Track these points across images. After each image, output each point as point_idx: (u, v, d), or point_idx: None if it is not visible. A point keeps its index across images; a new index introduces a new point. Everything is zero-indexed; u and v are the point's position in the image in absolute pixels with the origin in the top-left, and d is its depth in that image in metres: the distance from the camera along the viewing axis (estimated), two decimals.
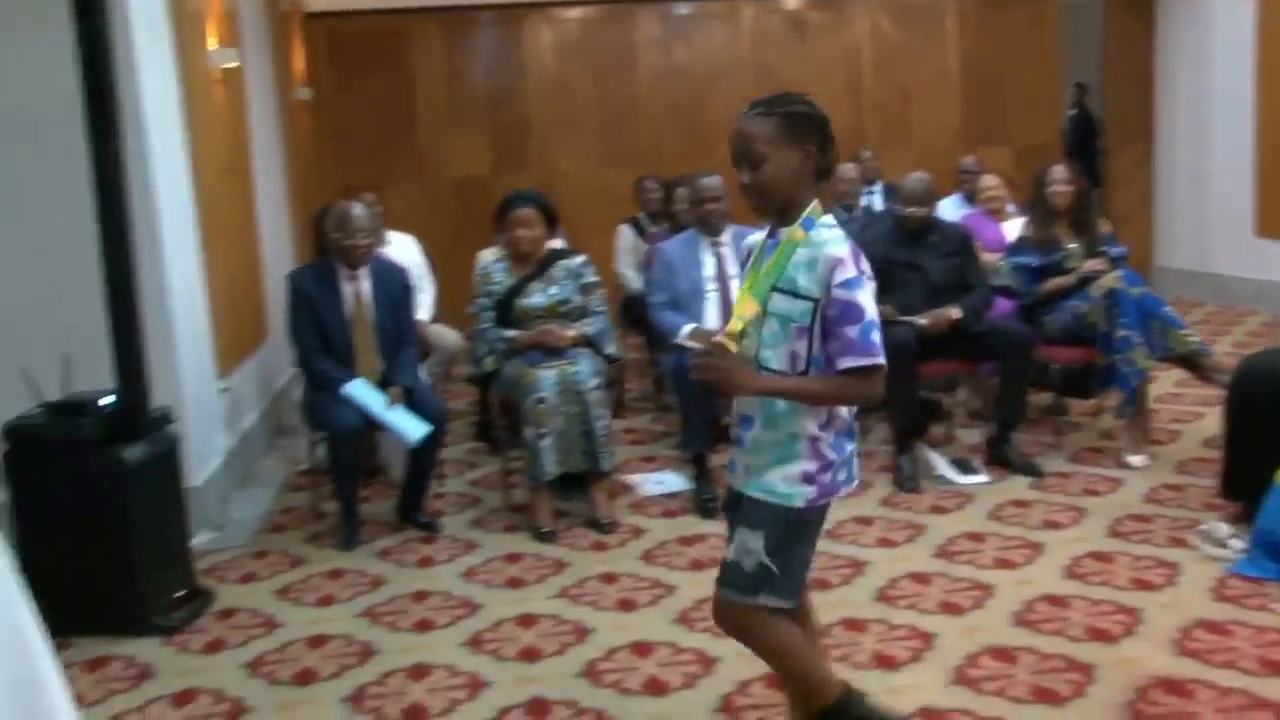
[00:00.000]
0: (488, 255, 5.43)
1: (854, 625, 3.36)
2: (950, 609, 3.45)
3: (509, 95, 8.94)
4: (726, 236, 4.76)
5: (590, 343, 4.49)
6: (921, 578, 3.70)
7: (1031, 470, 4.70)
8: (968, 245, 5.01)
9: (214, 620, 3.68)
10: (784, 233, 2.23)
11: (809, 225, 2.21)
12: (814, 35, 9.04)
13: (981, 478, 4.70)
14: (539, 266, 4.54)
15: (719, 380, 2.21)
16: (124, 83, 3.74)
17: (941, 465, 4.83)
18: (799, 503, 2.26)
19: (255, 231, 6.05)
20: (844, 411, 2.29)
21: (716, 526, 4.30)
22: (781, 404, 2.25)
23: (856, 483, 2.37)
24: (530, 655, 3.29)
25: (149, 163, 4.12)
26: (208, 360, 4.76)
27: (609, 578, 3.85)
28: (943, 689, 2.95)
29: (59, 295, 4.17)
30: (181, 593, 3.72)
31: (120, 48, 3.72)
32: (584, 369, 4.32)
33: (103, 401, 3.59)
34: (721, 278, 4.72)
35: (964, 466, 4.82)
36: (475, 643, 3.39)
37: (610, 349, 4.58)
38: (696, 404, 4.48)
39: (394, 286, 4.50)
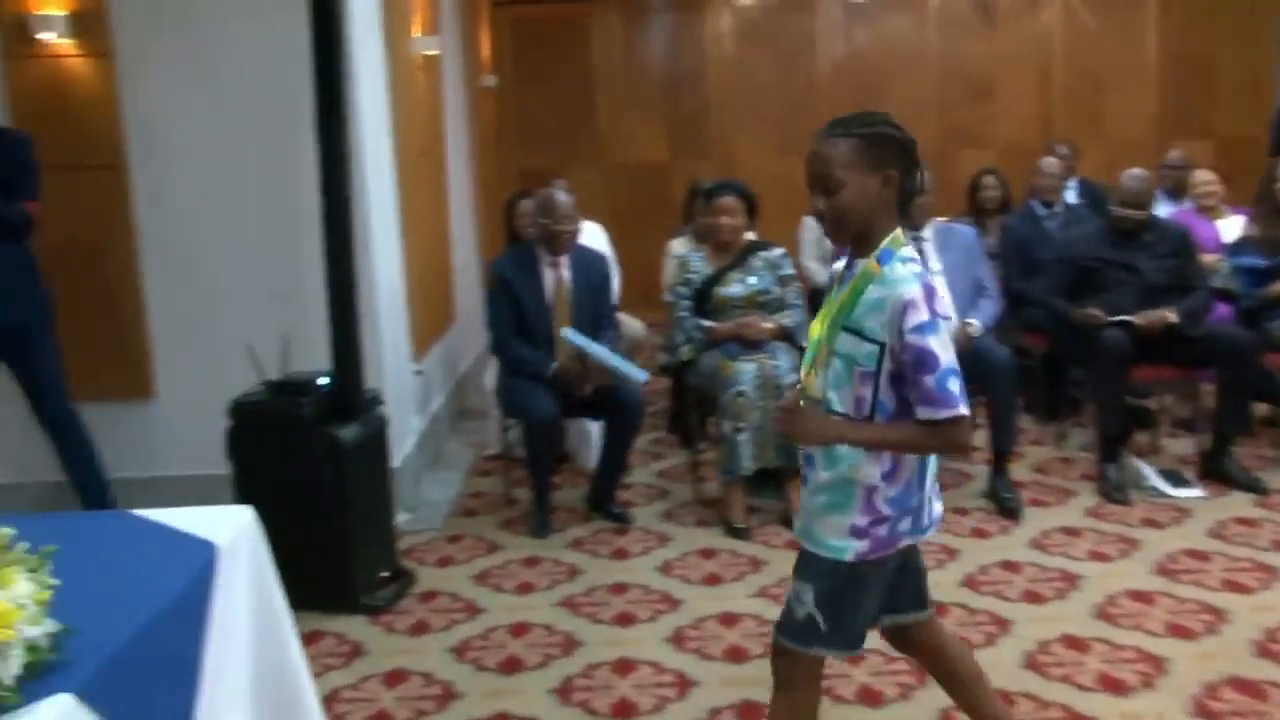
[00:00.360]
0: (678, 245, 5.40)
1: (1075, 644, 3.19)
2: (1180, 632, 3.25)
3: (688, 82, 8.89)
4: (928, 231, 4.59)
5: (788, 336, 4.40)
6: (1143, 596, 3.51)
7: (1254, 486, 4.41)
8: (1186, 244, 4.73)
9: (416, 602, 3.73)
10: (860, 264, 2.07)
11: (886, 258, 2.04)
12: (1003, 21, 8.71)
13: (1196, 491, 4.44)
14: (738, 256, 4.46)
15: (793, 433, 2.11)
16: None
17: (1151, 476, 4.58)
18: (849, 557, 2.11)
19: (446, 216, 6.16)
20: (911, 459, 2.11)
21: None
22: (842, 446, 2.10)
23: (934, 528, 2.23)
24: (736, 656, 3.24)
25: (361, 150, 4.21)
26: (404, 343, 4.85)
27: None
28: None
29: (276, 275, 4.33)
30: (386, 573, 3.80)
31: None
32: (783, 363, 4.23)
33: (320, 381, 3.68)
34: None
35: (1175, 478, 4.56)
36: (678, 639, 3.36)
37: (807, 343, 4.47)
38: None
39: (594, 274, 4.49)
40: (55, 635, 1.49)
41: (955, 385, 2.00)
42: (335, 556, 3.59)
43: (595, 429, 4.93)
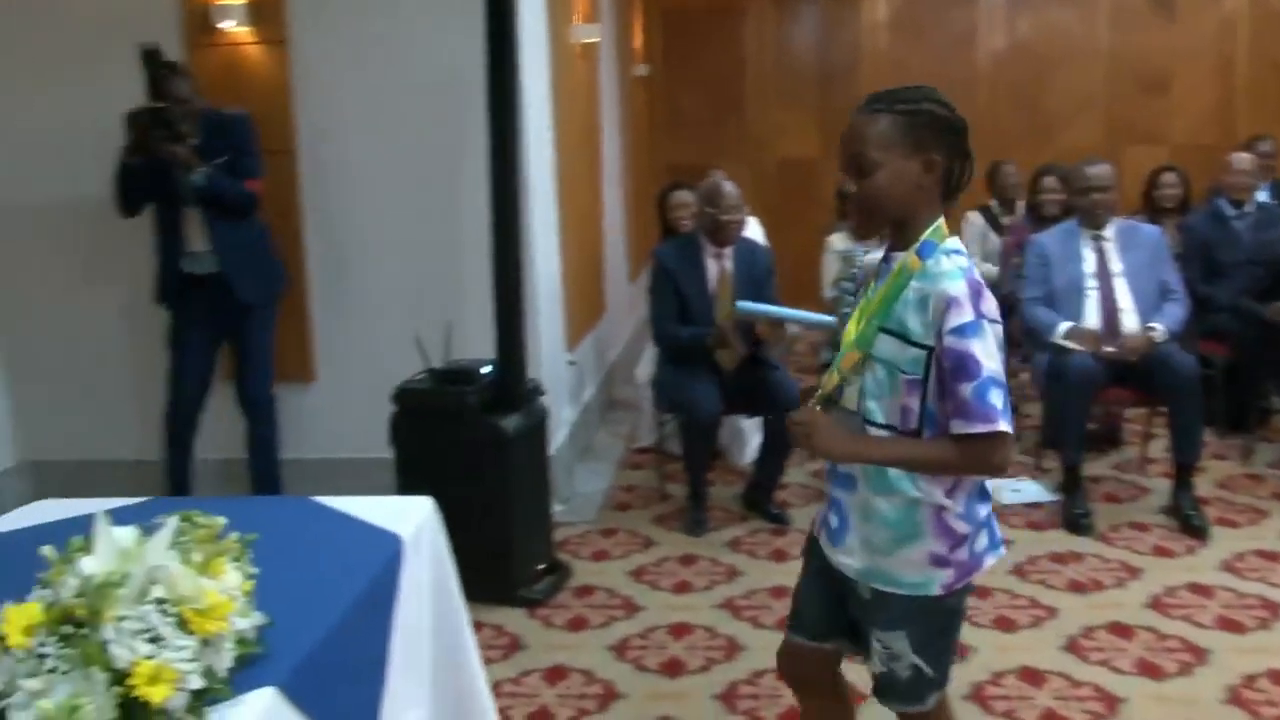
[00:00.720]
0: (838, 241, 5.25)
1: None
2: None
3: (840, 75, 8.66)
4: (1110, 230, 4.34)
5: None
6: None
7: None
8: None
9: (572, 596, 3.68)
10: (898, 258, 1.84)
11: (927, 251, 1.80)
12: (1182, 11, 8.25)
13: None
14: None
15: (807, 445, 1.87)
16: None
17: None
18: (936, 590, 1.87)
19: (600, 205, 6.12)
20: None
21: (1091, 544, 3.96)
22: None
23: (1003, 548, 1.95)
24: None
25: (525, 137, 4.17)
26: (559, 333, 4.81)
27: (981, 591, 3.57)
28: None
29: (436, 262, 4.34)
30: (542, 565, 3.76)
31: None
32: None
33: (483, 371, 3.65)
34: (1104, 274, 4.30)
35: None
36: None
37: None
38: (1073, 408, 4.14)
39: (756, 267, 4.37)
40: (260, 628, 1.45)
41: (997, 398, 1.74)
42: (495, 547, 3.55)
43: (750, 426, 4.81)
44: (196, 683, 1.23)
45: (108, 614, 1.18)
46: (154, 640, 1.20)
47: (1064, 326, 4.21)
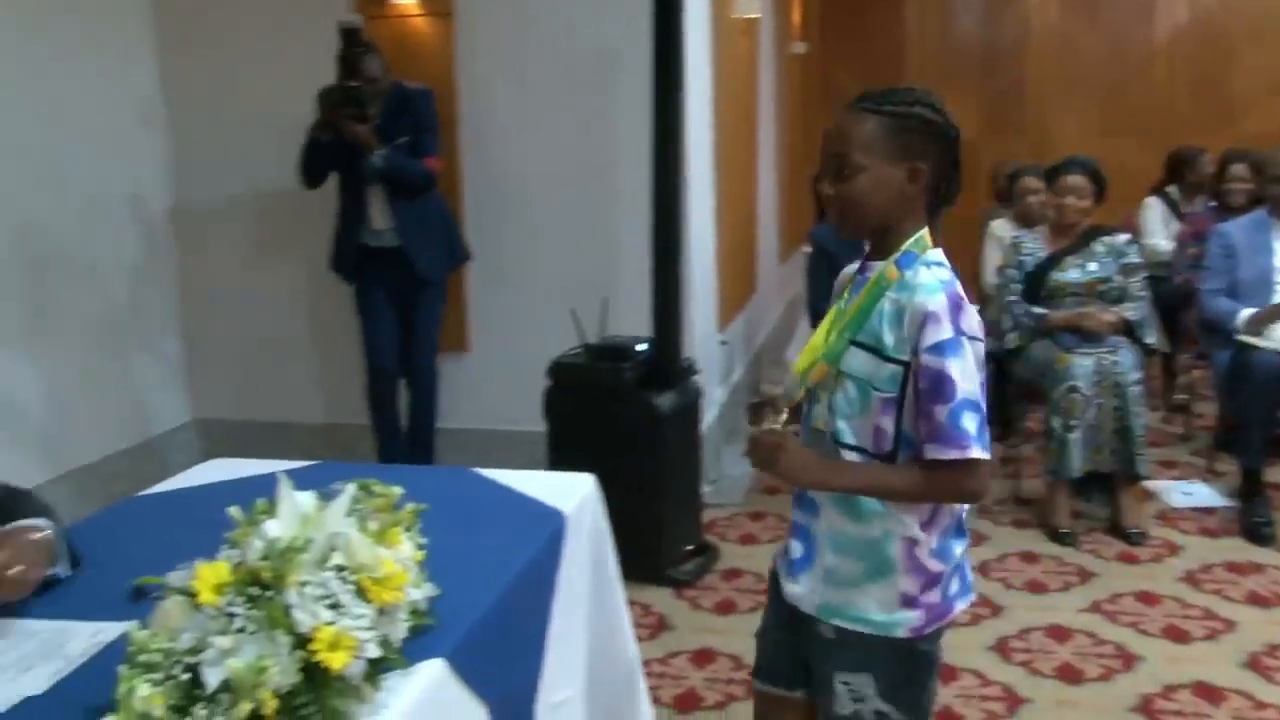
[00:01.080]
0: (999, 227, 5.06)
1: None
2: None
3: (1006, 54, 8.36)
4: None
5: (1130, 330, 4.00)
6: None
7: None
8: None
9: (720, 579, 3.65)
10: (875, 268, 1.70)
11: (907, 262, 1.66)
12: None
13: None
14: (1079, 240, 4.09)
15: (771, 469, 1.69)
16: None
17: None
18: (902, 633, 1.71)
19: (754, 184, 6.04)
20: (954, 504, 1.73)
21: (1272, 556, 3.73)
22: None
23: (973, 595, 1.79)
24: (1069, 675, 2.96)
25: (687, 115, 4.12)
26: (711, 312, 4.76)
27: (1149, 598, 3.42)
28: None
29: (593, 236, 4.34)
30: (690, 546, 3.73)
31: None
32: (1125, 359, 3.86)
33: (638, 347, 3.63)
34: None
35: None
36: (1003, 649, 3.11)
37: (1151, 339, 4.07)
38: (1257, 409, 3.90)
39: None
40: (431, 599, 1.45)
41: (971, 422, 1.59)
42: (645, 525, 3.51)
43: None
44: (373, 651, 1.23)
45: (291, 578, 1.19)
46: (334, 607, 1.20)
47: (1245, 313, 3.98)
